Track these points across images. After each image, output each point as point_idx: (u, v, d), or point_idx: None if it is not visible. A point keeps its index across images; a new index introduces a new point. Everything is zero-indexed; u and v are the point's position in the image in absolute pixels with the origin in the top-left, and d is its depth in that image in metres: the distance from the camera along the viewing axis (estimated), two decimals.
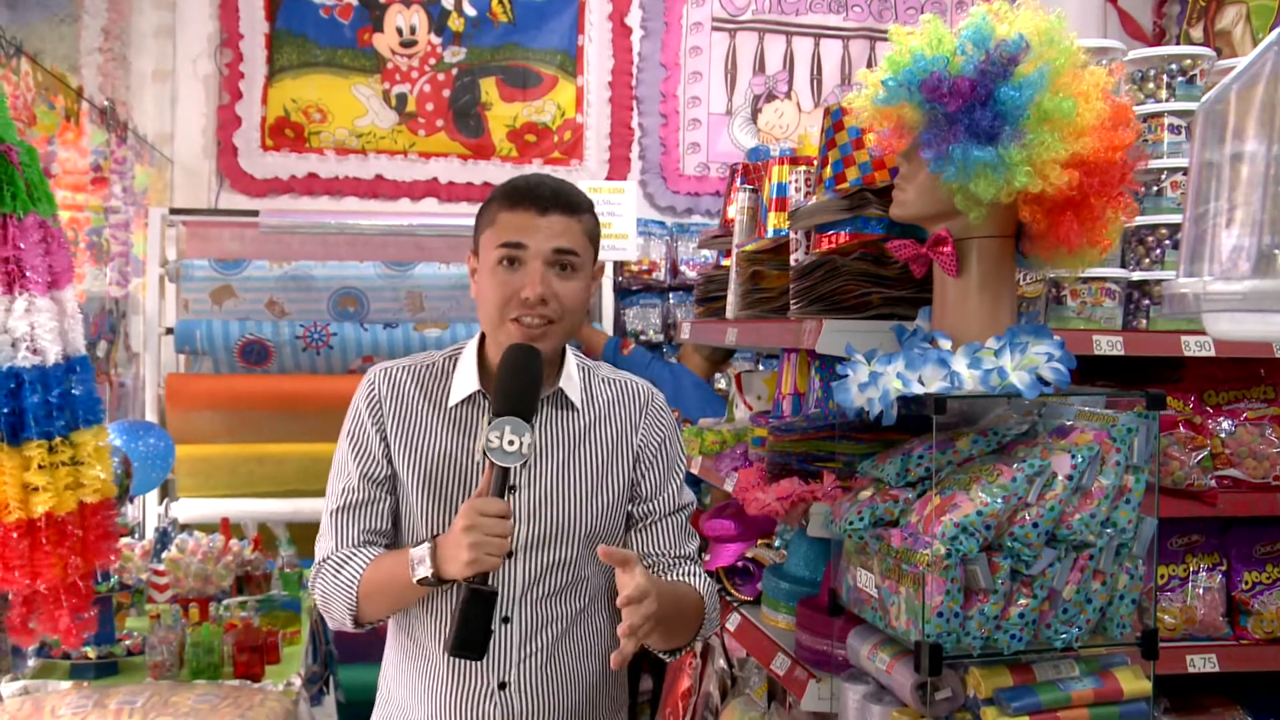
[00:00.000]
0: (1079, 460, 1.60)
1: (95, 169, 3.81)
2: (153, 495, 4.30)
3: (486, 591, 1.56)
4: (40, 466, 2.10)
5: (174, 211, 4.67)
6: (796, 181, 2.33)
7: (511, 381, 1.63)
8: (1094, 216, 1.69)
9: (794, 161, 2.37)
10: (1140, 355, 2.18)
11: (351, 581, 1.75)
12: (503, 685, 1.76)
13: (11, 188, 2.07)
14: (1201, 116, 1.09)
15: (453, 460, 1.79)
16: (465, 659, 1.60)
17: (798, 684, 2.03)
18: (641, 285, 5.28)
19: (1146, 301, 2.28)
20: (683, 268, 5.29)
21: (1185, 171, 2.27)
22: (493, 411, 1.62)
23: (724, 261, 2.85)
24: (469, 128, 5.37)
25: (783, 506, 1.97)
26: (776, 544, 2.65)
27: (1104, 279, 2.20)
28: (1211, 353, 2.16)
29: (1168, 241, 2.29)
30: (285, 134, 5.23)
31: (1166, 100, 2.37)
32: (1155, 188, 2.31)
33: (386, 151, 5.31)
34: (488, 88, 5.38)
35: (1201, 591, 2.34)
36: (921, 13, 3.72)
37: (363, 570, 1.75)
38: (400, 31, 5.30)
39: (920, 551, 1.57)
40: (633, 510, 1.86)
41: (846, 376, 1.77)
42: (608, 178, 5.37)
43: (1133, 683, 1.63)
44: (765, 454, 2.17)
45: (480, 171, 5.38)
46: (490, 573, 1.58)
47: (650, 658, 1.99)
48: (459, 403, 1.81)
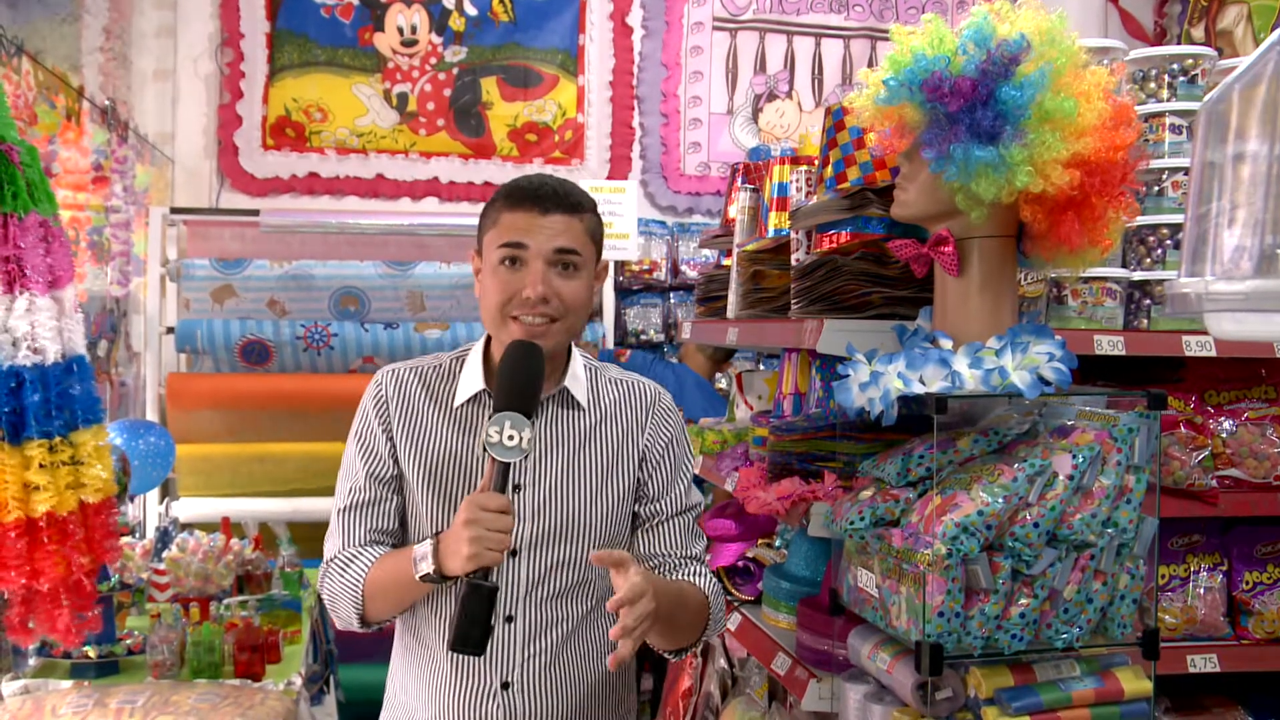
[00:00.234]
0: (1080, 460, 1.59)
1: (96, 168, 3.81)
2: (153, 494, 4.31)
3: (487, 587, 1.55)
4: (41, 466, 2.10)
5: (175, 211, 4.67)
6: (797, 181, 2.33)
7: (511, 377, 1.64)
8: (1095, 216, 1.68)
9: (795, 161, 2.37)
10: (1141, 355, 2.18)
11: (357, 580, 1.75)
12: (505, 685, 1.76)
13: (12, 187, 2.06)
14: (1203, 116, 1.09)
15: (458, 459, 1.79)
16: (465, 654, 1.60)
17: (798, 684, 2.03)
18: (642, 285, 5.28)
19: (1148, 301, 2.28)
20: (683, 267, 5.30)
21: (1187, 171, 2.27)
22: (493, 407, 1.63)
23: (725, 261, 2.85)
24: (470, 127, 5.37)
25: (783, 506, 1.97)
26: (777, 543, 2.65)
27: (1105, 279, 2.20)
28: (1213, 353, 2.16)
29: (1169, 241, 2.29)
30: (286, 133, 5.23)
31: (1168, 100, 2.37)
32: (1156, 187, 2.31)
33: (387, 151, 5.31)
34: (489, 87, 5.38)
35: (1202, 591, 2.34)
36: (923, 12, 3.72)
37: (368, 569, 1.75)
38: (401, 31, 5.30)
39: (921, 551, 1.57)
40: (639, 510, 1.85)
41: (847, 376, 1.77)
42: (608, 177, 5.37)
43: (1134, 683, 1.63)
44: (766, 453, 2.16)
45: (481, 171, 5.38)
46: (492, 569, 1.58)
47: (651, 657, 1.99)
48: (464, 402, 1.81)
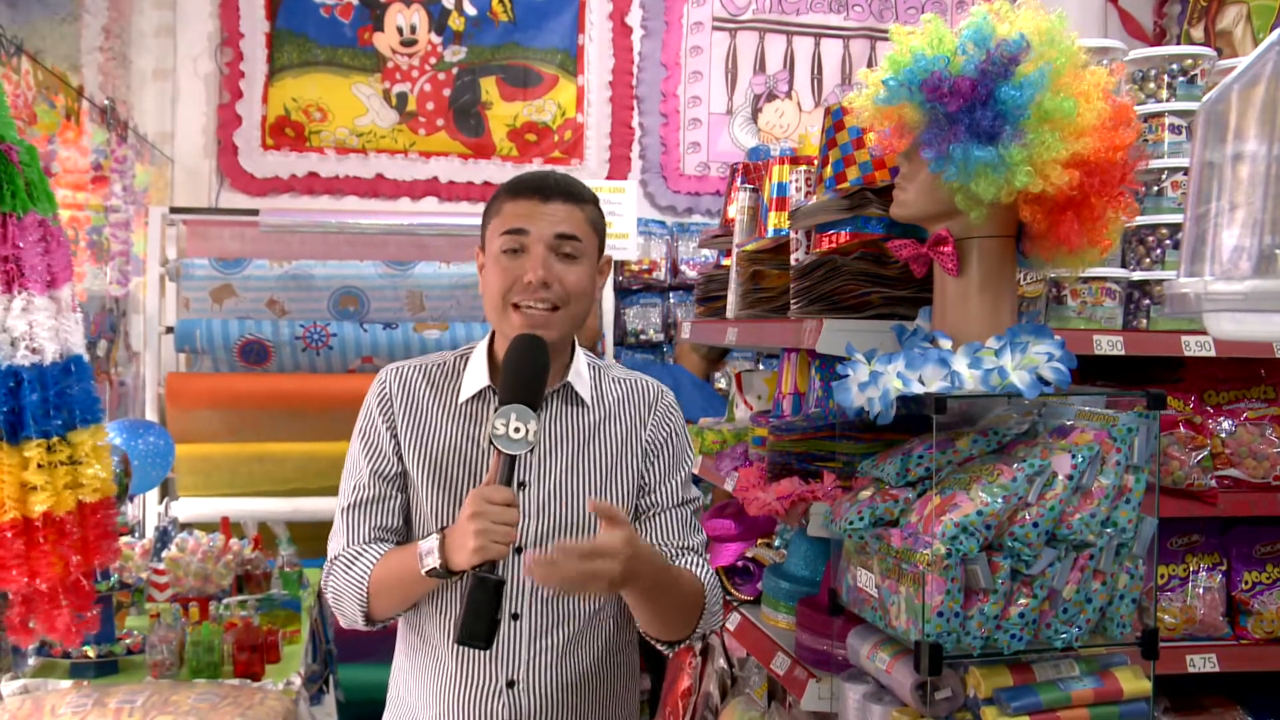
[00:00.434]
0: (1079, 460, 1.59)
1: (95, 168, 3.81)
2: (153, 494, 4.30)
3: (493, 580, 1.54)
4: (39, 466, 2.10)
5: (174, 210, 4.67)
6: (797, 181, 2.33)
7: (516, 370, 1.64)
8: (1094, 216, 1.68)
9: (794, 161, 2.37)
10: (1140, 355, 2.18)
11: (362, 577, 1.75)
12: (511, 684, 1.76)
13: (11, 186, 2.06)
14: (1202, 116, 1.09)
15: (462, 455, 1.79)
16: (472, 648, 1.59)
17: (797, 683, 2.03)
18: (642, 285, 5.28)
19: (1147, 301, 2.28)
20: (683, 267, 5.30)
21: (1186, 171, 2.27)
22: (499, 400, 1.62)
23: (724, 261, 2.85)
24: (469, 127, 5.37)
25: (783, 506, 1.97)
26: (776, 543, 2.65)
27: (1104, 279, 2.20)
28: (1212, 353, 2.16)
29: (1168, 241, 2.29)
30: (285, 133, 5.23)
31: (1167, 100, 2.37)
32: (1156, 187, 2.31)
33: (387, 151, 5.31)
34: (488, 87, 5.38)
35: (1201, 591, 2.34)
36: (922, 12, 3.72)
37: (373, 566, 1.75)
38: (401, 30, 5.30)
39: (920, 551, 1.57)
40: (638, 503, 1.86)
41: (847, 376, 1.77)
42: (608, 177, 5.37)
43: (1133, 683, 1.63)
44: (765, 453, 2.16)
45: (480, 171, 5.38)
46: (498, 562, 1.57)
47: (649, 656, 1.98)
48: (469, 399, 1.81)
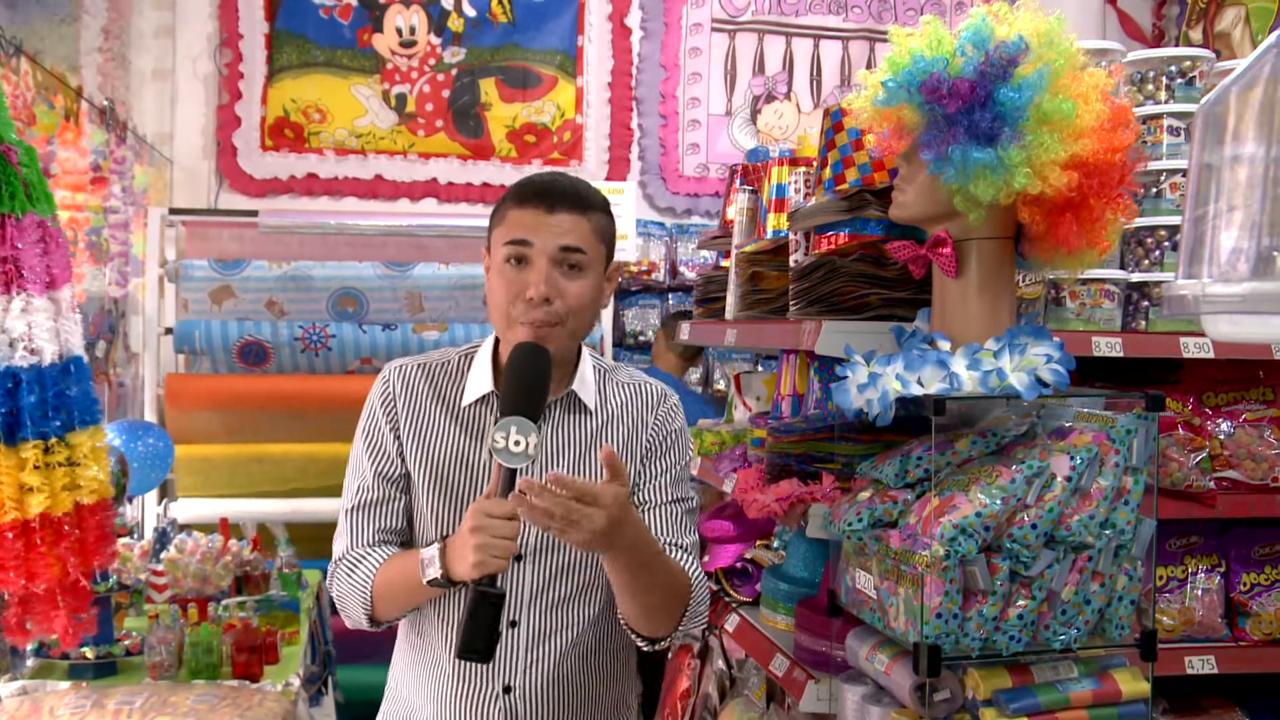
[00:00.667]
0: (1078, 461, 1.59)
1: (94, 169, 3.81)
2: (152, 495, 4.30)
3: (493, 594, 1.53)
4: (36, 467, 2.09)
5: (173, 211, 4.67)
6: (796, 182, 2.33)
7: (517, 381, 1.62)
8: (1093, 218, 1.68)
9: (793, 162, 2.37)
10: (1139, 357, 2.18)
11: (365, 582, 1.75)
12: (508, 689, 1.76)
13: (10, 188, 2.06)
14: (1201, 118, 1.09)
15: (464, 461, 1.78)
16: (472, 661, 1.59)
17: (796, 685, 2.03)
18: (641, 286, 5.28)
19: (1145, 303, 2.29)
20: (682, 268, 5.30)
21: (1184, 173, 2.27)
22: (499, 411, 1.61)
23: (723, 262, 2.85)
24: (468, 128, 5.37)
25: (782, 507, 1.97)
26: (775, 545, 2.65)
27: (1103, 280, 2.20)
28: (1210, 354, 2.17)
29: (1167, 243, 2.29)
30: (285, 134, 5.23)
31: (1166, 102, 2.37)
32: (1154, 189, 2.31)
33: (386, 152, 5.31)
34: (487, 88, 5.38)
35: (1200, 593, 2.34)
36: (921, 14, 3.72)
37: (376, 570, 1.75)
38: (400, 32, 5.30)
39: (919, 553, 1.57)
40: (632, 500, 1.84)
41: (846, 378, 1.77)
42: (607, 178, 5.37)
43: (1131, 684, 1.63)
44: (764, 455, 2.16)
45: (480, 172, 5.38)
46: (498, 575, 1.56)
47: (644, 659, 1.98)
48: (471, 403, 1.80)
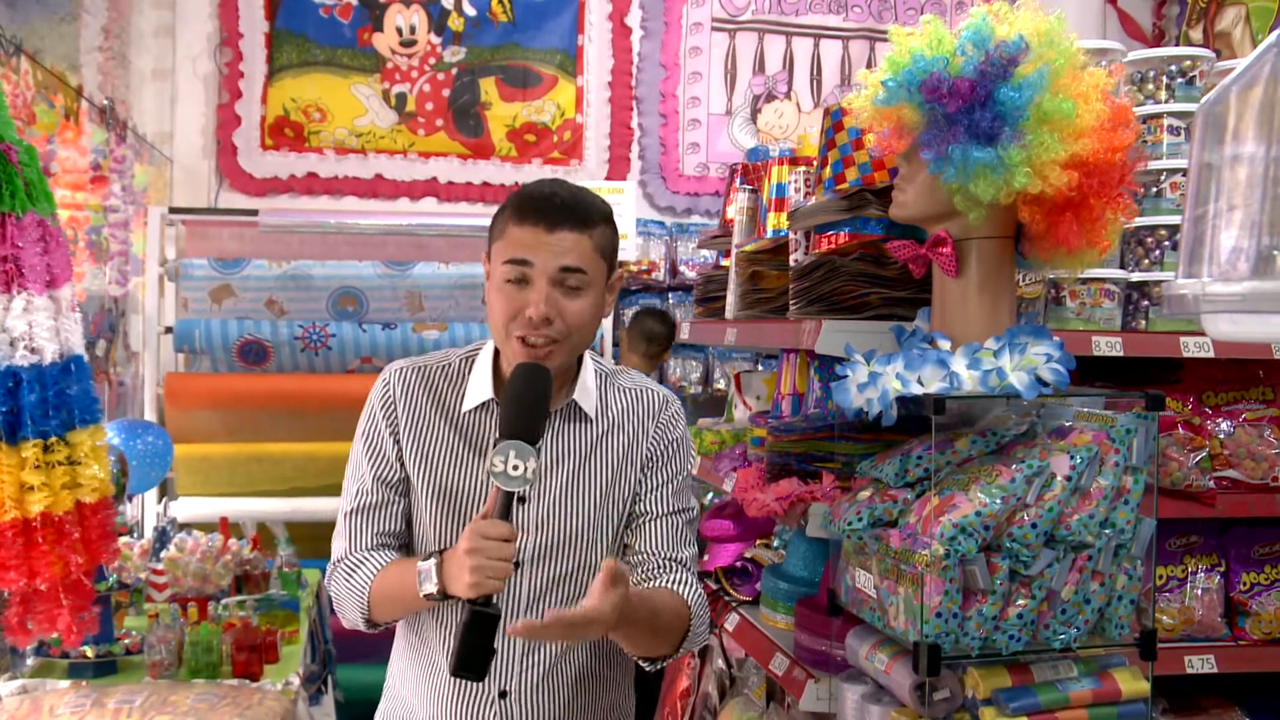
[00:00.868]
0: (1078, 461, 1.60)
1: (95, 168, 3.81)
2: (151, 494, 4.30)
3: (488, 614, 1.52)
4: (36, 466, 2.10)
5: (173, 210, 4.67)
6: (796, 182, 2.33)
7: (517, 404, 1.60)
8: (1093, 217, 1.69)
9: (793, 162, 2.37)
10: (1139, 356, 2.18)
11: (363, 587, 1.75)
12: (503, 694, 1.75)
13: (10, 187, 2.06)
14: (1201, 118, 1.09)
15: (463, 468, 1.77)
16: (466, 679, 1.59)
17: (796, 684, 2.03)
18: (641, 285, 5.28)
19: (1145, 302, 2.29)
20: (682, 268, 5.30)
21: (1184, 173, 2.27)
22: (499, 432, 1.60)
23: (723, 262, 2.85)
24: (468, 127, 5.37)
25: (782, 507, 1.97)
26: (775, 544, 2.65)
27: (1103, 280, 2.20)
28: (1210, 354, 2.17)
29: (1167, 242, 2.29)
30: (285, 133, 5.23)
31: (1166, 101, 2.37)
32: (1154, 189, 2.31)
33: (386, 151, 5.31)
34: (487, 87, 5.38)
35: (1200, 592, 2.34)
36: (921, 13, 3.72)
37: (374, 576, 1.75)
38: (400, 31, 5.30)
39: (919, 552, 1.57)
40: (631, 509, 1.83)
41: (846, 377, 1.77)
42: (607, 178, 5.37)
43: (1131, 683, 1.64)
44: (764, 454, 2.16)
45: (480, 171, 5.38)
46: (494, 595, 1.55)
47: (639, 671, 1.97)
48: (471, 410, 1.78)
